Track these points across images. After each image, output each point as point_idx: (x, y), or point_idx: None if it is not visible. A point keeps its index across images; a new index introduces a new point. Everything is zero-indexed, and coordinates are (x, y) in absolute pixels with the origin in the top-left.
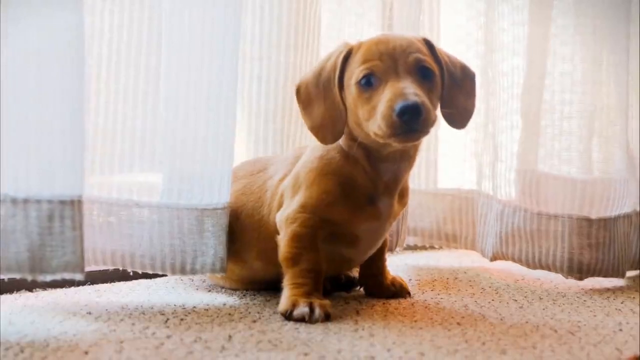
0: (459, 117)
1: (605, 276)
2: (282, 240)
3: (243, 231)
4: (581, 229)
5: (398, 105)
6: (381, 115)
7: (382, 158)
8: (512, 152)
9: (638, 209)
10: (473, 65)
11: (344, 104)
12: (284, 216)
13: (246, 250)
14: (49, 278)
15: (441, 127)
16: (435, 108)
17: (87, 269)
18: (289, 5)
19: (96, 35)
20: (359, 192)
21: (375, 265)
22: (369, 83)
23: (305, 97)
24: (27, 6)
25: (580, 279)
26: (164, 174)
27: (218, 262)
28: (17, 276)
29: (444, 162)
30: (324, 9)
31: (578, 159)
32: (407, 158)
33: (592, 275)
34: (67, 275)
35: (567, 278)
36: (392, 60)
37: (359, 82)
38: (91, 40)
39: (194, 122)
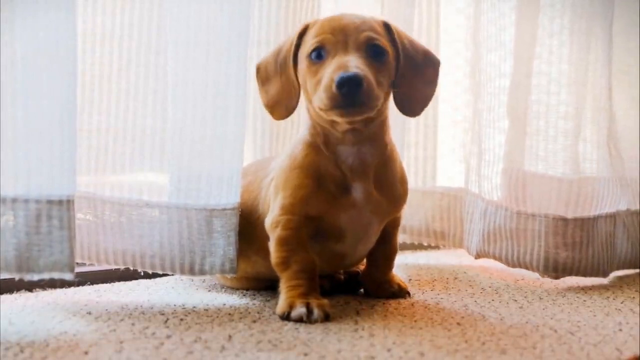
0: (414, 103)
1: (584, 275)
2: (271, 246)
3: (246, 226)
4: (557, 228)
5: (338, 76)
6: (323, 87)
7: (339, 140)
8: (497, 151)
9: (634, 209)
10: (470, 64)
11: (298, 81)
12: (269, 221)
13: (248, 246)
14: (36, 277)
15: (439, 127)
16: (384, 88)
17: (89, 268)
18: (279, 3)
19: (107, 35)
20: (328, 181)
21: (378, 266)
22: (319, 56)
23: (264, 75)
24: (17, 5)
25: (557, 277)
26: (173, 173)
27: (227, 262)
28: (5, 275)
29: (438, 160)
30: (323, 7)
31: (561, 158)
32: (368, 140)
33: (569, 274)
34: (56, 275)
35: (542, 277)
36: (343, 36)
37: (309, 55)
38: (102, 40)
39: (202, 120)
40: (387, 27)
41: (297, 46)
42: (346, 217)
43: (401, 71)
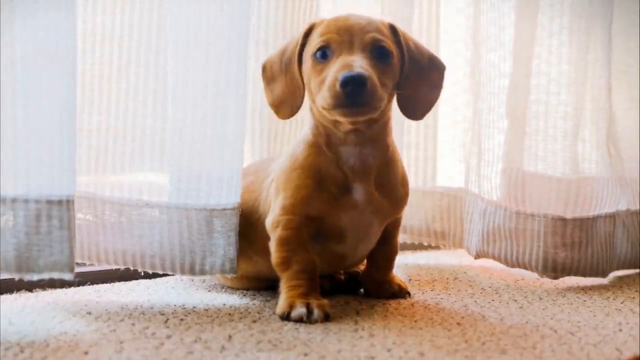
0: (418, 107)
1: (582, 275)
2: (272, 246)
3: (247, 227)
4: (556, 228)
5: (342, 75)
6: (327, 86)
7: (341, 141)
8: (497, 151)
9: (634, 209)
10: (470, 65)
11: (303, 80)
12: (270, 222)
13: (249, 245)
14: (36, 277)
15: (439, 127)
16: (387, 89)
17: (89, 268)
18: (277, 3)
19: (107, 35)
20: (329, 182)
21: (378, 266)
22: (324, 56)
23: (270, 74)
24: (17, 5)
25: (555, 278)
26: (173, 173)
27: (227, 262)
28: (5, 275)
29: (438, 161)
30: (321, 8)
31: (560, 158)
32: (370, 142)
33: (568, 274)
34: (56, 275)
35: (541, 277)
36: (348, 36)
37: (314, 54)
38: (102, 40)
39: (202, 120)
40: (393, 29)
41: (303, 45)
42: (347, 218)
43: (406, 73)
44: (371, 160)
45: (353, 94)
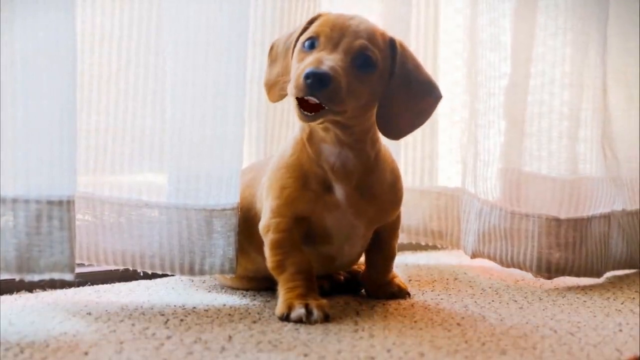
0: (395, 127)
1: (577, 276)
2: (266, 251)
3: (245, 223)
4: (550, 228)
5: (309, 69)
6: (295, 75)
7: (321, 137)
8: (493, 151)
9: (630, 209)
10: (467, 65)
11: None
12: (261, 226)
13: (247, 242)
14: (36, 278)
15: (438, 128)
16: (360, 99)
17: (89, 269)
18: (274, 3)
19: (106, 35)
20: (312, 179)
21: (377, 267)
22: (311, 46)
23: (274, 54)
24: (17, 5)
25: (549, 278)
26: (172, 173)
27: (227, 262)
28: (5, 275)
29: (437, 161)
30: (320, 9)
31: (556, 159)
32: (348, 146)
33: (562, 274)
34: (56, 275)
35: (536, 277)
36: (339, 35)
37: (303, 43)
38: (101, 40)
39: (202, 121)
40: (392, 43)
41: (303, 33)
42: (330, 218)
43: (392, 91)
44: (351, 164)
45: (312, 88)
